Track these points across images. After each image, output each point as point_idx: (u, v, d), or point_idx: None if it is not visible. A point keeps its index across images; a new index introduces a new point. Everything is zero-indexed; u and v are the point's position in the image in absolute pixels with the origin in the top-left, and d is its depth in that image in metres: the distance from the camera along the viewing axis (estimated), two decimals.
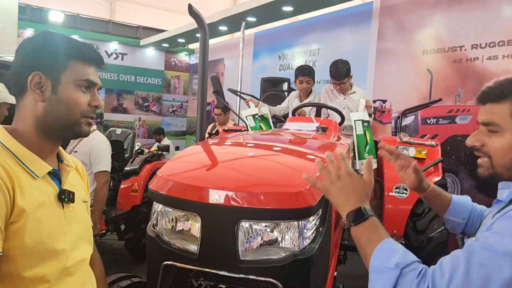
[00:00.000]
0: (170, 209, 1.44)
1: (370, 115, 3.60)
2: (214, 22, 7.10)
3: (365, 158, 3.38)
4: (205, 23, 2.26)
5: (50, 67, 1.14)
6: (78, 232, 1.22)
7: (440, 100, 3.54)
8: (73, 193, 1.20)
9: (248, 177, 1.47)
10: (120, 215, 4.27)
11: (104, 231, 3.30)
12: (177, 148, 9.41)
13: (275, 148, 1.92)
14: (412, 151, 3.34)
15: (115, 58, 9.95)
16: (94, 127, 3.47)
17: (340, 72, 3.62)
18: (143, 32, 10.27)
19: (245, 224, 1.34)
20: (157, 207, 1.49)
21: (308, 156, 1.88)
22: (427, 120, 4.98)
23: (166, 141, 8.01)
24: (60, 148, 1.28)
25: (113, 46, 9.91)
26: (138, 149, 5.27)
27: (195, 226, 1.41)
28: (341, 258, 2.93)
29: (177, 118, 11.00)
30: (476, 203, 1.54)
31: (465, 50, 4.67)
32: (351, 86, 3.77)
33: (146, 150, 6.48)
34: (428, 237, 3.21)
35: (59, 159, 1.25)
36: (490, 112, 1.15)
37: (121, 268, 4.33)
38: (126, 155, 4.81)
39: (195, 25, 7.88)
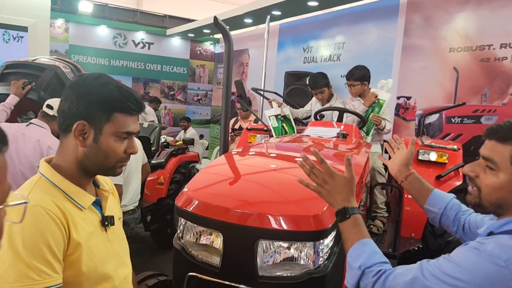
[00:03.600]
0: (195, 225, 1.56)
1: (381, 129, 3.60)
2: (239, 15, 7.13)
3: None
4: (230, 35, 2.34)
5: (95, 118, 1.18)
6: (119, 250, 1.34)
7: (464, 104, 3.53)
8: (113, 217, 1.31)
9: (268, 197, 1.56)
10: (146, 207, 4.45)
11: None
12: (201, 137, 9.57)
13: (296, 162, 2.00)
14: (433, 155, 3.35)
15: (142, 47, 10.12)
16: None
17: (352, 73, 3.65)
18: (170, 21, 10.37)
19: (263, 243, 1.43)
20: (183, 221, 1.61)
21: None
22: (452, 119, 4.94)
23: (191, 130, 8.17)
24: None
25: (140, 35, 10.06)
26: (164, 142, 5.43)
27: (217, 240, 1.51)
28: None
29: (202, 107, 11.15)
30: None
31: (494, 49, 4.58)
32: (369, 90, 3.76)
33: (171, 139, 6.67)
34: (446, 241, 3.26)
35: (95, 184, 1.34)
36: (493, 150, 1.19)
37: (146, 257, 4.57)
38: (152, 148, 4.97)
39: (222, 17, 7.93)
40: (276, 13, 6.72)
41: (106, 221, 1.28)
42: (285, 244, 1.45)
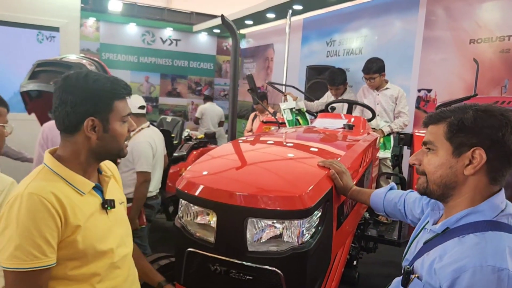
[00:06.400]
0: (192, 205, 1.71)
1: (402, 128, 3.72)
2: (261, 10, 7.25)
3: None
4: (237, 32, 2.48)
5: (100, 112, 1.34)
6: (121, 231, 1.50)
7: (476, 95, 3.54)
8: (113, 201, 1.46)
9: (258, 179, 1.70)
10: (168, 198, 4.67)
11: (144, 226, 3.46)
12: (227, 132, 9.76)
13: (292, 150, 2.13)
14: None
15: (170, 44, 10.40)
16: (145, 124, 3.54)
17: (370, 67, 3.72)
18: (197, 18, 10.59)
19: (252, 221, 1.57)
20: (183, 202, 1.77)
21: (319, 159, 2.08)
22: None
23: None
24: None
25: (168, 32, 10.35)
26: (186, 136, 5.65)
27: (212, 219, 1.66)
28: (371, 248, 3.12)
29: (228, 102, 11.33)
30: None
31: None
32: (386, 82, 3.84)
33: (196, 133, 6.90)
34: None
35: (99, 171, 1.49)
36: (430, 133, 1.26)
37: (169, 246, 4.78)
38: (175, 142, 5.18)
39: (245, 13, 8.05)
40: (298, 7, 6.80)
41: (106, 204, 1.42)
42: (272, 222, 1.58)
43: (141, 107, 3.49)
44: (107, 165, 1.57)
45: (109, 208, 1.43)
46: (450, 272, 1.08)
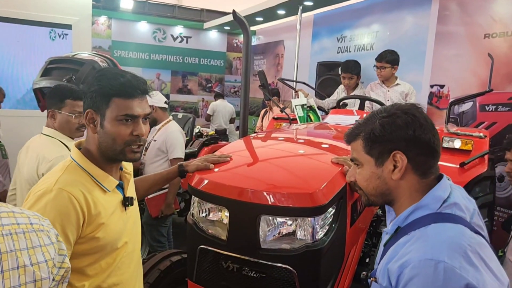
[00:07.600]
0: (204, 202, 1.71)
1: None
2: (271, 6, 7.21)
3: None
4: (249, 27, 2.46)
5: (98, 106, 1.34)
6: (133, 225, 1.52)
7: (491, 90, 3.47)
8: (132, 198, 1.48)
9: (270, 177, 1.68)
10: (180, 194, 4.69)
11: (179, 209, 3.75)
12: (237, 128, 9.78)
13: (305, 146, 2.11)
14: (457, 143, 3.33)
15: (180, 42, 10.42)
16: (170, 117, 3.81)
17: (384, 55, 3.69)
18: (207, 15, 10.59)
19: (265, 218, 1.56)
20: (195, 199, 1.77)
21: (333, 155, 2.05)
22: (486, 107, 4.81)
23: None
24: None
25: (178, 29, 10.36)
26: (197, 132, 5.66)
27: (224, 216, 1.66)
28: None
29: (239, 99, 11.33)
30: None
31: None
32: (396, 78, 3.80)
33: (208, 129, 6.93)
34: None
35: (120, 167, 1.50)
36: (352, 150, 1.31)
37: (180, 241, 4.81)
38: (186, 138, 5.19)
39: (255, 9, 8.02)
40: (308, 3, 6.75)
41: (127, 202, 1.44)
42: (285, 219, 1.57)
43: (166, 102, 3.78)
44: (125, 163, 1.55)
45: (129, 205, 1.46)
46: (396, 269, 1.10)
